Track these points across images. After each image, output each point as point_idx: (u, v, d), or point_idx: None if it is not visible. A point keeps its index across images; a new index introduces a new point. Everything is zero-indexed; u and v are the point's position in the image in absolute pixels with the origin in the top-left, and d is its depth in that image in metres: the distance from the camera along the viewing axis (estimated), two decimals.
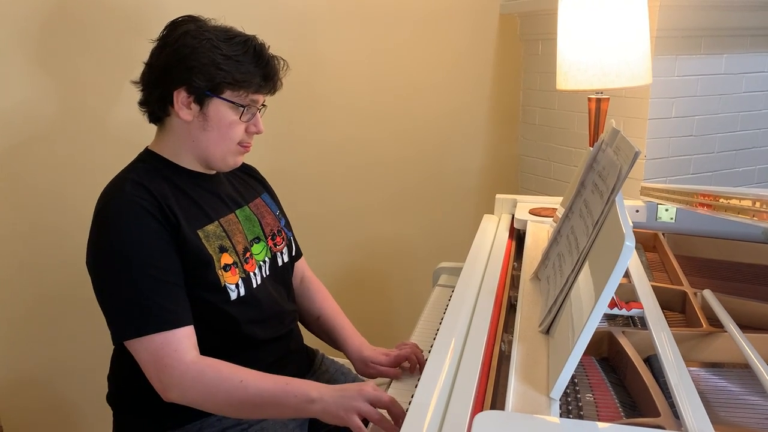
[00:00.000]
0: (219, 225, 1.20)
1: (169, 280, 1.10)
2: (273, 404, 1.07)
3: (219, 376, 1.07)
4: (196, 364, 1.07)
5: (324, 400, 1.04)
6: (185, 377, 1.06)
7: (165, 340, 1.07)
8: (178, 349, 1.07)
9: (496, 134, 2.51)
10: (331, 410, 1.03)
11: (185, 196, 1.18)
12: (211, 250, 1.16)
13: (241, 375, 1.08)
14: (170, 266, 1.10)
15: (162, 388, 1.08)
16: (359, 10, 2.11)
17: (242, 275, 1.20)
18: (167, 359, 1.06)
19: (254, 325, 1.21)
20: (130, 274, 1.07)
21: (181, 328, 1.09)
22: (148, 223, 1.09)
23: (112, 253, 1.09)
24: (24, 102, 1.68)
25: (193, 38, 1.13)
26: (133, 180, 1.13)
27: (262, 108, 1.22)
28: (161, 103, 1.16)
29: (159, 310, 1.07)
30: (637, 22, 1.66)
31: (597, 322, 0.80)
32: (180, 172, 1.19)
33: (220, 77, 1.13)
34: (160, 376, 1.07)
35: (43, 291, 1.78)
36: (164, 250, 1.10)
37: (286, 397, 1.06)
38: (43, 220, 1.75)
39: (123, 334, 1.09)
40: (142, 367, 1.09)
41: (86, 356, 1.83)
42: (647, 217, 1.56)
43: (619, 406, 0.86)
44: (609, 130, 1.15)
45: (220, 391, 1.07)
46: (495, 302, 1.16)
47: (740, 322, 1.01)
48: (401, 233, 2.39)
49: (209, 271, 1.15)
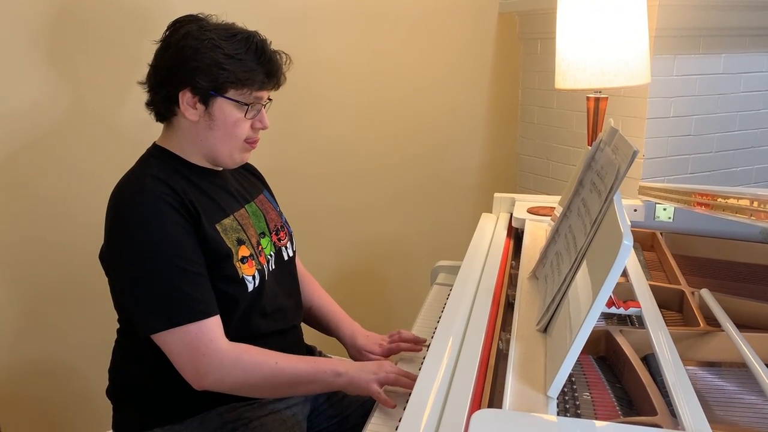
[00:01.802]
0: (234, 219, 1.22)
1: (197, 271, 1.12)
2: (307, 382, 1.15)
3: (256, 360, 1.12)
4: (232, 351, 1.11)
5: (349, 374, 1.14)
6: (223, 364, 1.10)
7: (199, 330, 1.09)
8: (213, 339, 1.10)
9: (495, 133, 2.51)
10: (355, 381, 1.13)
11: (200, 191, 1.19)
12: (230, 243, 1.18)
13: (275, 357, 1.14)
14: (196, 258, 1.13)
15: (197, 377, 1.11)
16: (358, 9, 2.11)
17: (258, 267, 1.23)
18: (204, 348, 1.09)
19: (259, 317, 1.23)
20: (159, 267, 1.09)
21: (212, 317, 1.12)
22: (173, 217, 1.11)
23: (140, 246, 1.10)
24: (30, 103, 1.68)
25: (195, 39, 1.13)
26: (152, 175, 1.15)
27: (267, 103, 1.23)
28: (167, 103, 1.18)
29: (191, 300, 1.10)
30: (636, 21, 1.66)
31: (594, 321, 0.80)
32: (191, 169, 1.21)
33: (224, 77, 1.13)
34: (197, 365, 1.10)
35: (42, 290, 1.78)
36: (190, 242, 1.12)
37: (317, 374, 1.14)
38: (41, 220, 1.75)
39: (154, 326, 1.10)
40: (174, 358, 1.11)
41: (82, 358, 1.83)
42: (645, 216, 1.56)
43: (617, 404, 0.86)
44: (607, 129, 1.15)
45: (257, 375, 1.12)
46: (493, 301, 1.16)
47: (737, 321, 1.01)
48: (399, 232, 2.39)
49: (228, 264, 1.17)
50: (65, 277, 1.79)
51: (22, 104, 1.67)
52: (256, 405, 1.22)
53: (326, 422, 1.34)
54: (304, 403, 1.30)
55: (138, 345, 1.18)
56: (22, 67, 1.66)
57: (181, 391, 1.13)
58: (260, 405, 1.23)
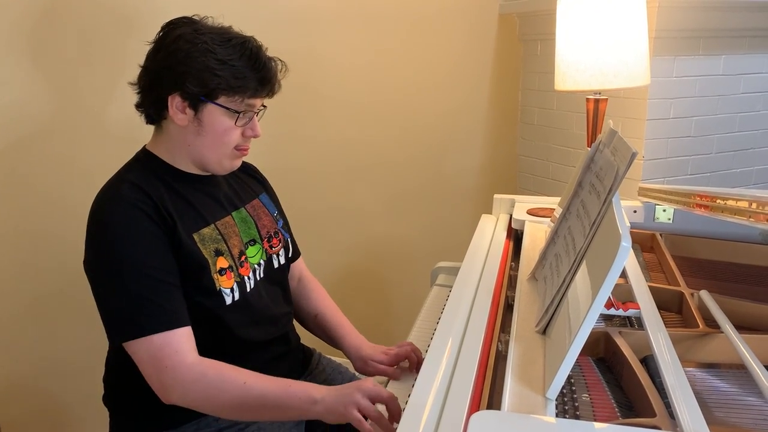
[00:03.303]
0: (215, 228, 1.20)
1: (167, 281, 1.09)
2: (276, 406, 1.06)
3: (221, 377, 1.07)
4: (198, 366, 1.07)
5: (326, 401, 1.04)
6: (186, 379, 1.06)
7: (164, 341, 1.06)
8: (178, 351, 1.06)
9: (495, 134, 2.51)
10: (332, 408, 1.04)
11: (181, 198, 1.17)
12: (206, 254, 1.15)
13: (243, 377, 1.07)
14: (168, 267, 1.10)
15: (162, 390, 1.07)
16: (358, 10, 2.11)
17: (237, 279, 1.19)
18: (167, 360, 1.05)
19: (247, 328, 1.21)
20: (128, 275, 1.07)
21: (180, 329, 1.08)
22: (145, 225, 1.09)
23: (110, 254, 1.09)
24: (20, 101, 1.68)
25: (188, 42, 1.11)
26: (129, 182, 1.13)
27: (261, 110, 1.20)
28: (157, 106, 1.16)
29: (157, 310, 1.07)
30: (636, 22, 1.66)
31: (593, 323, 0.80)
32: (176, 175, 1.19)
33: (215, 83, 1.11)
34: (161, 377, 1.06)
35: (40, 291, 1.78)
36: (161, 251, 1.10)
37: (289, 399, 1.06)
38: (40, 219, 1.75)
39: (122, 335, 1.08)
40: (141, 369, 1.08)
41: (83, 357, 1.82)
42: (645, 217, 1.56)
43: (616, 406, 0.86)
44: (606, 131, 1.15)
45: (222, 393, 1.06)
46: (492, 302, 1.16)
47: (737, 322, 1.01)
48: (399, 233, 2.39)
49: (204, 275, 1.14)
50: (65, 275, 1.78)
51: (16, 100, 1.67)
52: None
53: (325, 423, 1.33)
54: None
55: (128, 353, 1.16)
56: (14, 64, 1.65)
57: None
58: None
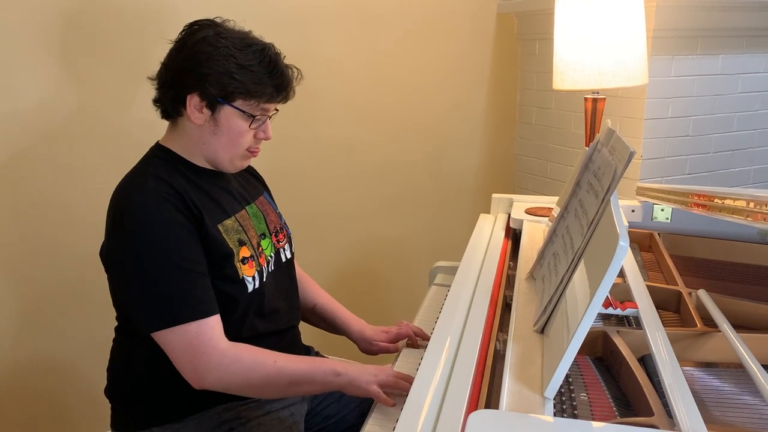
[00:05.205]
0: (235, 220, 1.23)
1: (198, 271, 1.13)
2: (306, 382, 1.14)
3: (255, 359, 1.12)
4: (232, 350, 1.11)
5: (349, 373, 1.13)
6: (223, 363, 1.10)
7: (199, 329, 1.10)
8: (213, 337, 1.10)
9: (493, 134, 2.51)
10: (355, 382, 1.12)
11: (202, 191, 1.20)
12: (231, 244, 1.19)
13: (274, 357, 1.14)
14: (198, 257, 1.13)
15: (196, 376, 1.11)
16: (357, 10, 2.11)
17: (258, 268, 1.23)
18: (204, 347, 1.09)
19: (256, 317, 1.24)
20: (160, 265, 1.10)
21: (212, 317, 1.12)
22: (175, 216, 1.12)
23: (142, 245, 1.11)
24: (34, 104, 1.68)
25: (210, 45, 1.14)
26: (154, 175, 1.15)
27: (273, 113, 1.24)
28: (174, 103, 1.18)
29: (192, 299, 1.10)
30: (634, 22, 1.66)
31: (591, 322, 0.80)
32: (194, 170, 1.21)
33: (233, 86, 1.14)
34: (196, 364, 1.10)
35: (40, 289, 1.78)
36: (191, 241, 1.13)
37: (316, 373, 1.14)
38: (40, 220, 1.75)
39: (154, 324, 1.11)
40: (173, 357, 1.11)
41: (83, 357, 1.83)
42: (643, 216, 1.57)
43: (613, 405, 0.86)
44: (604, 130, 1.16)
45: (256, 374, 1.12)
46: (490, 301, 1.16)
47: (734, 322, 1.02)
48: (398, 232, 2.39)
49: (229, 264, 1.18)
50: (66, 275, 1.78)
51: (27, 105, 1.67)
52: (253, 405, 1.23)
53: (323, 422, 1.34)
54: (302, 403, 1.30)
55: (136, 344, 1.18)
56: (27, 68, 1.66)
57: (179, 390, 1.14)
58: (258, 405, 1.23)
